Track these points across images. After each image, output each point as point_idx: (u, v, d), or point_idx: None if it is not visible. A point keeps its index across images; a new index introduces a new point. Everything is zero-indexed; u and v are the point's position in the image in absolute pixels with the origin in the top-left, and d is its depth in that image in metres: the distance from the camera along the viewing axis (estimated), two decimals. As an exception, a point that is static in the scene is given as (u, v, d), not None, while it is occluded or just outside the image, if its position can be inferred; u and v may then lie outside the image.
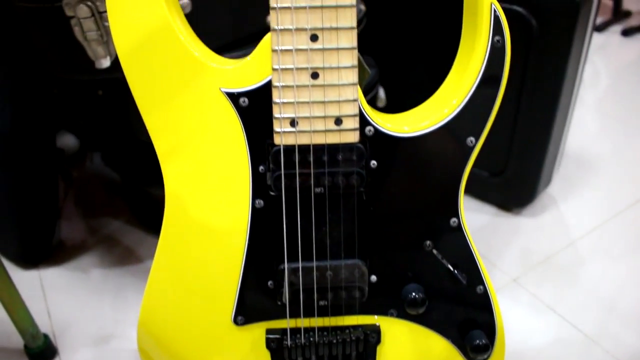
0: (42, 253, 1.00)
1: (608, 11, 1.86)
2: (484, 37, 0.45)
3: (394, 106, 1.07)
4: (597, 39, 1.77)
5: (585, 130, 1.30)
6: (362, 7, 0.88)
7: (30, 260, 0.99)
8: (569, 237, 1.00)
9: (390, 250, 0.51)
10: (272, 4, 0.43)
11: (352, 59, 0.44)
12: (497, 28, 0.45)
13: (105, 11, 0.66)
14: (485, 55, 0.46)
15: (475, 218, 1.03)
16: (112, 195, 1.17)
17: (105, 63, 0.69)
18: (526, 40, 0.89)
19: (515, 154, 0.98)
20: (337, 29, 0.43)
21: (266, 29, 0.43)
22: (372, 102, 0.98)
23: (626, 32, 1.75)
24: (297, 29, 0.43)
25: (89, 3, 0.65)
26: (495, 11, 0.45)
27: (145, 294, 0.54)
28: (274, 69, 0.44)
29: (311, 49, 0.44)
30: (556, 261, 0.94)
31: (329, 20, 0.43)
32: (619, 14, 1.83)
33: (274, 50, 0.44)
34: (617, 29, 1.80)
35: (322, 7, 0.43)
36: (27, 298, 0.78)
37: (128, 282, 0.94)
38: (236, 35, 0.73)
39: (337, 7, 0.43)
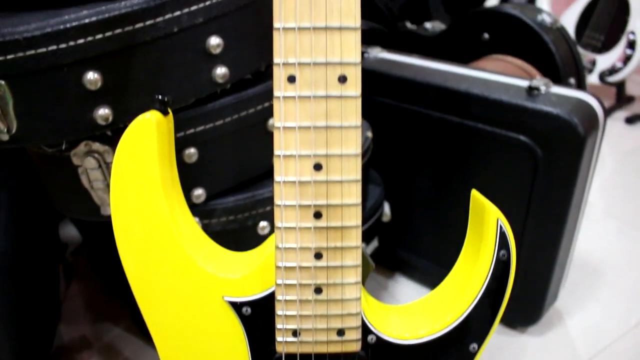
0: (40, 365, 0.98)
1: (612, 96, 1.88)
2: (488, 251, 0.45)
3: (398, 220, 1.07)
4: (602, 125, 1.77)
5: (590, 232, 1.29)
6: (369, 134, 0.89)
7: (27, 373, 0.97)
8: (577, 358, 0.98)
9: None
10: (277, 223, 0.43)
11: (356, 275, 0.44)
12: (502, 242, 0.45)
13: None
14: (489, 270, 0.45)
15: (480, 335, 1.02)
16: (113, 295, 1.16)
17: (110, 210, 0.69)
18: (532, 169, 0.89)
19: (521, 274, 0.97)
20: (342, 248, 0.43)
21: (271, 169, 0.43)
22: (378, 221, 0.98)
23: (630, 120, 1.76)
24: (302, 248, 0.43)
25: (96, 155, 0.66)
26: (501, 226, 0.45)
27: None
28: (277, 284, 0.44)
29: (315, 267, 0.43)
30: (562, 388, 0.92)
31: (333, 240, 0.43)
32: (622, 99, 1.84)
33: (277, 267, 0.44)
34: (621, 115, 1.82)
35: (327, 227, 0.43)
36: None
37: (125, 402, 0.92)
38: (241, 178, 0.74)
39: (342, 227, 0.43)
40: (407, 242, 1.10)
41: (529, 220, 0.93)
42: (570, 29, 1.85)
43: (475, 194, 0.48)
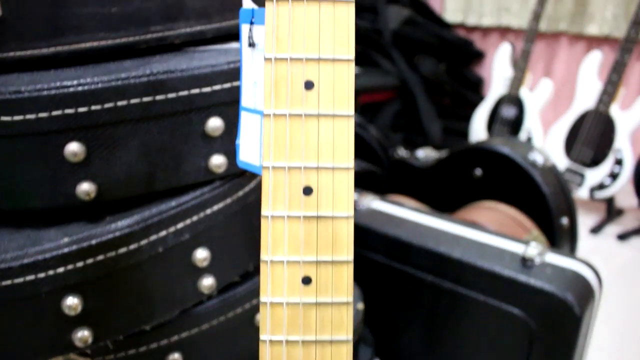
0: None
1: (602, 209, 1.88)
2: None
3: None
4: (593, 241, 1.77)
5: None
6: (360, 306, 0.86)
7: None
8: None
9: None
10: None
11: None
12: None
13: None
14: None
15: None
16: None
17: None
18: (526, 341, 0.86)
19: None
20: None
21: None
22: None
23: (622, 237, 1.75)
24: None
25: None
26: None
27: None
28: None
29: None
30: None
31: None
32: (612, 213, 1.84)
33: None
34: (611, 230, 1.81)
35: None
36: None
37: None
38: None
39: None
40: (398, 399, 1.06)
41: (525, 393, 0.89)
42: (560, 142, 1.87)
43: None
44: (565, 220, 1.22)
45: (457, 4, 2.37)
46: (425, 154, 1.39)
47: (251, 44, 0.46)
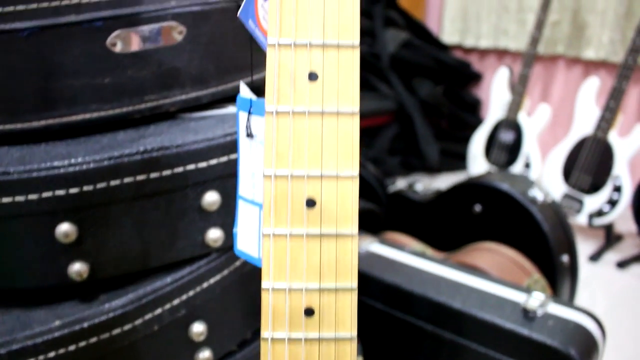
0: None
1: (600, 236, 1.87)
2: None
3: None
4: (591, 269, 1.76)
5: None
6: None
7: None
8: None
9: None
10: None
11: None
12: None
13: None
14: None
15: None
16: None
17: None
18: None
19: None
20: None
21: None
22: None
23: (621, 264, 1.74)
24: None
25: None
26: None
27: None
28: None
29: None
30: None
31: None
32: (611, 240, 1.83)
33: None
34: (611, 257, 1.80)
35: None
36: None
37: None
38: None
39: None
40: None
41: None
42: (558, 168, 1.86)
43: None
44: (565, 258, 1.20)
45: (454, 26, 2.37)
46: (424, 186, 1.37)
47: (249, 135, 0.44)
